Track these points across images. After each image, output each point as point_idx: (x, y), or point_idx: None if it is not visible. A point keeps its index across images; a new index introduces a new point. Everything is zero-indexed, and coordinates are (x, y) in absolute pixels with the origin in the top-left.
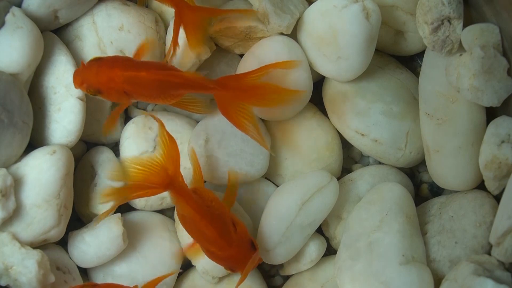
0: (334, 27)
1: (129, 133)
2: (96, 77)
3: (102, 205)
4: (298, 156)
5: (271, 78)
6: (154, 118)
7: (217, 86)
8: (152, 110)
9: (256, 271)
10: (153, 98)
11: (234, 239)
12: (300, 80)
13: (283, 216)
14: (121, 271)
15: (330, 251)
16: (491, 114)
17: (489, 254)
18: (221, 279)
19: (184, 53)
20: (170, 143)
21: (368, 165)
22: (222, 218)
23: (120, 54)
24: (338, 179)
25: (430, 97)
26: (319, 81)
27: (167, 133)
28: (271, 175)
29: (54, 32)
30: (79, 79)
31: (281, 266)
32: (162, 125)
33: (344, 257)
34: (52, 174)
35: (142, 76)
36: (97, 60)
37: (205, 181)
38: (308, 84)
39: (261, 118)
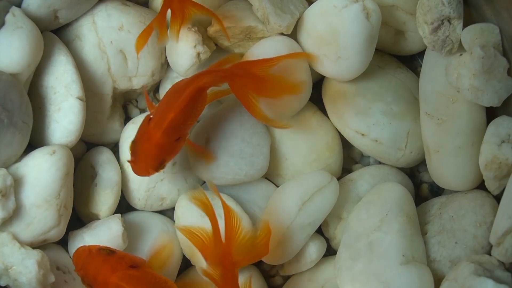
0: (334, 27)
1: (129, 133)
2: (151, 147)
3: (104, 205)
4: (298, 156)
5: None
6: (216, 193)
7: (228, 75)
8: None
9: (256, 271)
10: (196, 116)
11: None
12: (300, 80)
13: (283, 216)
14: None
15: (330, 251)
16: (491, 114)
17: (489, 254)
18: None
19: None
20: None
21: (369, 165)
22: None
23: (120, 54)
24: (338, 179)
25: (431, 97)
26: (319, 81)
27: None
28: (271, 175)
29: (54, 32)
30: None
31: (281, 266)
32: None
33: (344, 257)
34: (52, 174)
35: (173, 117)
36: (148, 121)
37: (204, 182)
38: (308, 84)
39: None
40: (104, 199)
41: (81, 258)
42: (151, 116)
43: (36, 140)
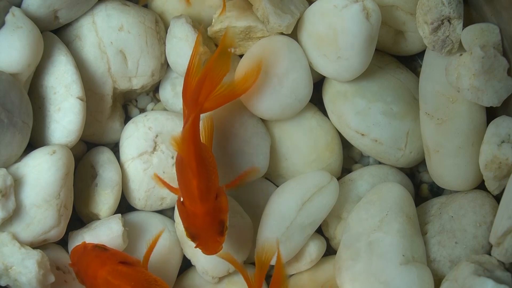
0: (334, 27)
1: (129, 133)
2: (203, 220)
3: (104, 205)
4: (298, 156)
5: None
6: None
7: (199, 110)
8: (152, 109)
9: None
10: (212, 165)
11: None
12: (300, 80)
13: (283, 216)
14: None
15: (330, 251)
16: (491, 114)
17: (489, 254)
18: (221, 279)
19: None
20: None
21: (368, 165)
22: None
23: (120, 54)
24: (338, 179)
25: (430, 97)
26: (319, 81)
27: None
28: (271, 175)
29: (54, 32)
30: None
31: None
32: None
33: (344, 257)
34: (52, 174)
35: (197, 182)
36: (183, 204)
37: None
38: (308, 84)
39: (261, 118)
40: (105, 199)
41: (77, 254)
42: (181, 199)
43: (36, 140)
